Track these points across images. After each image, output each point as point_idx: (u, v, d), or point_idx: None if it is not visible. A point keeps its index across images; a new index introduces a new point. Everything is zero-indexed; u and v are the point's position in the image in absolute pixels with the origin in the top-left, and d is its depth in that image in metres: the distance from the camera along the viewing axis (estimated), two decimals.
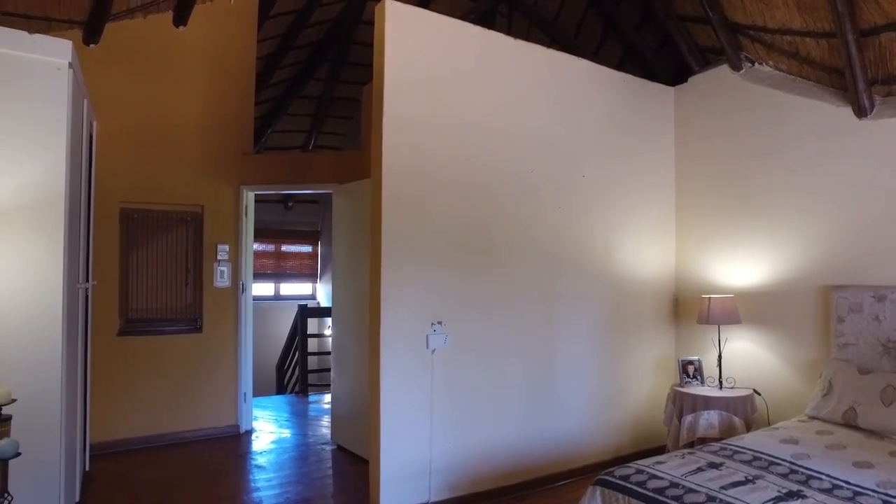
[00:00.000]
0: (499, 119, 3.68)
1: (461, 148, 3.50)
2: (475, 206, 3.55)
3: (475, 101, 3.58)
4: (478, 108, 3.59)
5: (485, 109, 3.62)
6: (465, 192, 3.51)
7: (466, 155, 3.52)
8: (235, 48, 5.13)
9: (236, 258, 4.97)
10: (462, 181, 3.50)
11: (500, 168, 3.67)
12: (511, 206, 3.72)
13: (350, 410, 4.53)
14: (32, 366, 2.61)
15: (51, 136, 2.68)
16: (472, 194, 3.54)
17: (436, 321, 3.36)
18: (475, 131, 3.57)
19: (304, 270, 9.81)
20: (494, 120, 3.66)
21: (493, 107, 3.66)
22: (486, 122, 3.62)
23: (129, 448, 4.46)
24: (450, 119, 3.47)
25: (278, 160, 5.26)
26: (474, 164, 3.55)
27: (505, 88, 3.72)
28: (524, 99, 3.81)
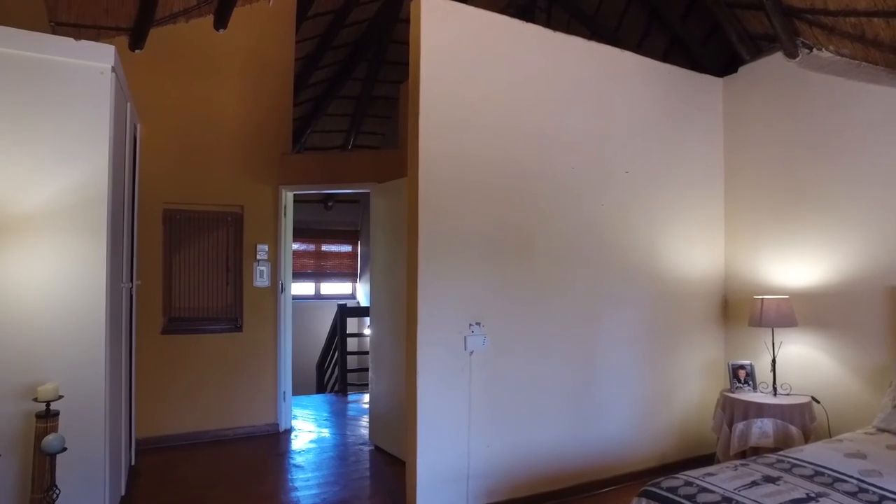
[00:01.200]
0: (538, 114, 3.58)
1: (499, 144, 3.42)
2: (514, 203, 3.46)
3: (514, 97, 3.48)
4: (517, 104, 3.49)
5: (524, 105, 3.52)
6: (504, 189, 3.42)
7: (505, 151, 3.43)
8: (274, 49, 5.17)
9: (275, 258, 5.01)
10: (500, 178, 3.41)
11: (539, 164, 3.57)
12: (551, 203, 3.61)
13: (388, 411, 4.50)
14: (77, 363, 2.66)
15: (94, 139, 2.73)
16: (511, 192, 3.45)
17: (474, 322, 3.28)
18: (514, 127, 3.48)
19: (344, 270, 9.89)
20: (534, 115, 3.56)
21: (533, 102, 3.56)
22: (525, 117, 3.52)
23: (173, 444, 4.54)
24: (488, 115, 3.38)
25: (316, 160, 5.28)
26: (513, 160, 3.46)
27: (544, 83, 3.61)
28: (565, 93, 3.70)
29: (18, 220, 2.58)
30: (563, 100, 3.68)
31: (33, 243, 2.60)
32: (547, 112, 3.61)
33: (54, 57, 2.68)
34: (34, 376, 2.58)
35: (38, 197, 2.63)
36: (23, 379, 2.57)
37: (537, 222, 3.54)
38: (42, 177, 2.63)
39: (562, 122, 3.67)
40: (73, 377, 2.64)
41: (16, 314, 2.57)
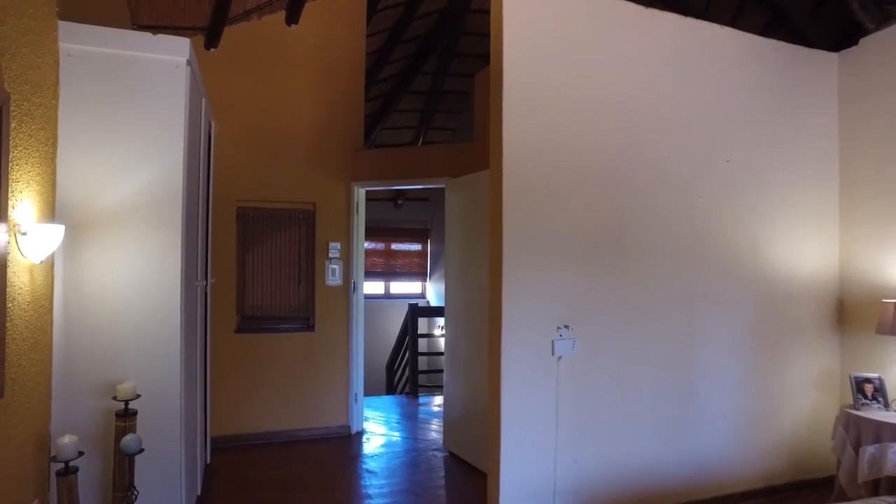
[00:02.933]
0: (630, 100, 3.26)
1: (589, 132, 3.12)
2: (605, 196, 3.16)
3: (603, 81, 3.18)
4: (606, 88, 3.19)
5: (614, 89, 3.21)
6: (594, 181, 3.13)
7: (595, 140, 3.14)
8: (345, 44, 5.08)
9: (348, 256, 4.91)
10: (590, 169, 3.12)
11: (632, 154, 3.25)
12: (645, 195, 3.28)
13: (463, 416, 4.29)
14: (153, 362, 2.63)
15: (170, 134, 2.68)
16: (602, 184, 3.15)
17: (562, 325, 3.01)
18: (604, 113, 3.18)
19: (414, 269, 9.79)
20: (625, 101, 3.24)
21: (624, 86, 3.24)
22: (615, 102, 3.21)
23: (246, 443, 4.52)
24: (575, 101, 3.10)
25: (389, 156, 5.14)
26: (603, 149, 3.16)
27: (636, 65, 3.29)
28: (658, 76, 3.35)
29: (97, 217, 2.56)
30: (656, 83, 3.34)
31: (111, 241, 2.58)
32: (639, 96, 3.28)
33: (132, 52, 2.66)
34: (113, 374, 2.56)
35: (115, 194, 2.60)
36: (103, 376, 2.55)
37: (629, 217, 3.22)
38: (119, 174, 2.61)
39: (656, 108, 3.33)
40: (149, 376, 2.60)
41: (96, 311, 2.56)
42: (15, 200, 2.14)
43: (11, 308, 2.12)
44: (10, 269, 2.11)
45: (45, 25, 2.44)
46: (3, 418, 2.09)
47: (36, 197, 2.33)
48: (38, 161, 2.35)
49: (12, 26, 2.16)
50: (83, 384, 2.53)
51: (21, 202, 2.19)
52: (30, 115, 2.28)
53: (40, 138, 2.37)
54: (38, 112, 2.35)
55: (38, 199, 2.34)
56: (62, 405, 2.51)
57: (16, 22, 2.18)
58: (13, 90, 2.14)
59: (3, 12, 2.10)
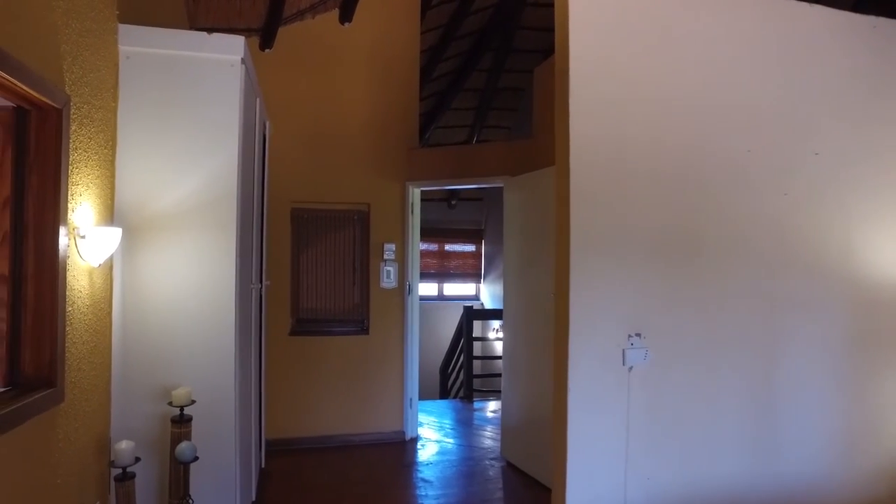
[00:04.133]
0: (707, 89, 2.99)
1: (663, 125, 2.88)
2: (680, 194, 2.90)
3: (677, 69, 2.92)
4: (680, 78, 2.93)
5: (689, 78, 2.95)
6: (669, 177, 2.88)
7: (669, 133, 2.89)
8: (399, 41, 4.99)
9: (403, 257, 4.81)
10: (665, 165, 2.87)
11: (709, 148, 2.98)
12: (724, 192, 3.00)
13: (522, 425, 4.11)
14: (207, 367, 2.59)
15: (224, 134, 2.64)
16: (677, 180, 2.90)
17: (633, 333, 2.79)
18: (678, 105, 2.92)
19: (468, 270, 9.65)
20: (701, 90, 2.97)
21: (700, 75, 2.97)
22: (691, 93, 2.95)
23: (300, 447, 4.49)
24: (648, 90, 2.86)
25: (444, 154, 5.01)
26: (679, 143, 2.91)
27: (713, 51, 3.01)
28: (738, 62, 3.07)
29: (153, 220, 2.54)
30: (736, 70, 3.06)
31: (166, 244, 2.56)
32: (717, 85, 3.01)
33: (187, 52, 2.64)
34: (169, 378, 2.54)
35: (171, 196, 2.57)
36: (159, 381, 2.53)
37: (708, 216, 2.96)
38: (175, 175, 2.58)
39: (735, 97, 3.05)
40: (204, 381, 2.57)
41: (151, 315, 2.54)
42: (74, 204, 2.13)
43: (71, 312, 2.11)
44: (70, 273, 2.09)
45: (105, 28, 2.43)
46: (64, 422, 2.08)
47: (95, 200, 2.31)
48: (97, 164, 2.33)
49: (73, 29, 2.14)
50: (140, 388, 2.51)
51: (80, 205, 2.18)
52: (90, 117, 2.27)
53: (100, 141, 2.36)
54: (97, 115, 2.34)
55: (97, 202, 2.33)
56: (120, 409, 2.50)
57: (77, 25, 2.17)
58: (74, 93, 2.13)
59: (65, 16, 2.09)
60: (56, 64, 2.03)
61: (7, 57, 1.69)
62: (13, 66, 1.72)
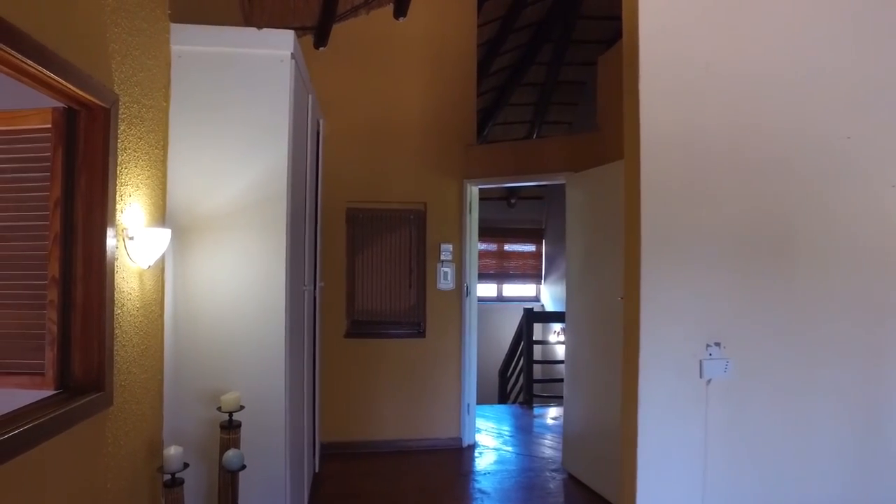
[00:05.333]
0: (798, 67, 2.66)
1: (746, 112, 2.58)
2: (767, 188, 2.60)
3: (764, 49, 2.62)
4: (769, 58, 2.62)
5: (779, 58, 2.64)
6: (754, 170, 2.58)
7: (754, 121, 2.59)
8: (455, 34, 4.83)
9: (460, 258, 4.65)
10: (748, 155, 2.58)
11: (801, 136, 2.65)
12: (818, 185, 2.66)
13: (586, 435, 3.87)
14: (257, 372, 2.52)
15: (274, 130, 2.56)
16: (763, 171, 2.60)
17: (712, 342, 2.51)
18: (765, 89, 2.61)
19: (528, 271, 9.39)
20: (794, 71, 2.65)
21: (792, 54, 2.65)
22: (780, 75, 2.63)
23: (354, 451, 4.42)
24: (729, 76, 2.57)
25: (503, 150, 4.81)
26: (765, 132, 2.60)
27: (809, 27, 2.68)
28: (838, 38, 2.71)
29: (203, 220, 2.50)
30: (835, 47, 2.71)
31: (215, 245, 2.51)
32: (812, 65, 2.67)
33: (237, 49, 2.58)
34: (218, 383, 2.49)
35: (221, 196, 2.51)
36: (209, 385, 2.49)
37: (798, 212, 2.63)
38: (225, 174, 2.52)
39: (833, 78, 2.70)
40: (253, 386, 2.51)
41: (201, 318, 2.49)
42: (123, 204, 2.09)
43: (120, 314, 2.07)
44: (119, 275, 2.06)
45: (156, 28, 2.40)
46: (113, 425, 2.05)
47: (146, 200, 2.28)
48: (147, 164, 2.30)
49: (123, 28, 2.11)
50: (190, 392, 2.47)
51: (129, 206, 2.14)
52: (140, 117, 2.23)
53: (150, 141, 2.33)
54: (148, 115, 2.31)
55: (147, 203, 2.29)
56: (171, 413, 2.47)
57: (127, 24, 2.14)
58: (123, 92, 2.09)
59: (114, 15, 2.05)
60: (104, 63, 1.99)
61: (53, 56, 1.65)
62: (60, 66, 1.69)
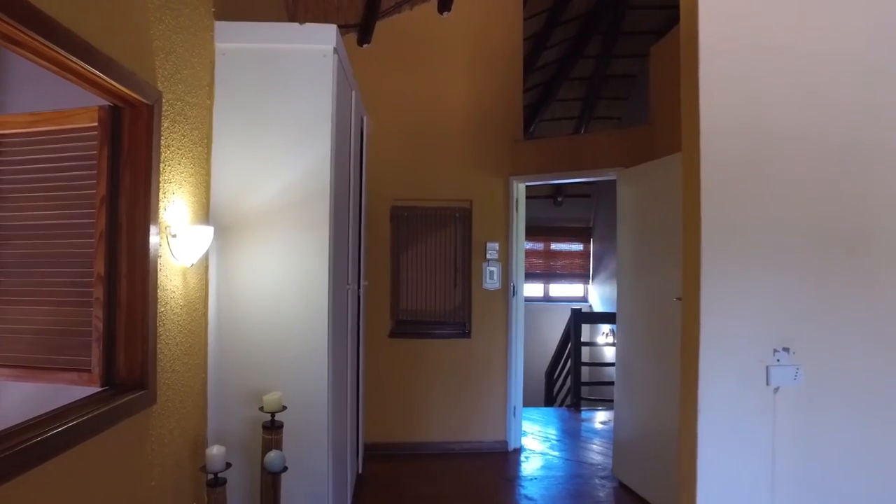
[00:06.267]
0: (877, 48, 2.43)
1: (817, 96, 2.38)
2: (843, 178, 2.38)
3: (841, 24, 2.41)
4: (844, 34, 2.41)
5: (855, 36, 2.42)
6: (828, 159, 2.37)
7: (829, 105, 2.38)
8: (501, 28, 4.72)
9: (506, 257, 4.54)
10: (821, 144, 2.37)
11: (881, 121, 2.41)
12: None
13: (638, 442, 3.70)
14: (299, 370, 2.49)
15: (317, 126, 2.52)
16: (838, 161, 2.38)
17: (780, 347, 2.32)
18: (843, 68, 2.39)
19: (575, 270, 9.16)
20: (871, 49, 2.43)
21: (873, 27, 2.43)
22: (857, 52, 2.41)
23: (398, 453, 4.36)
24: (801, 56, 2.37)
25: (550, 145, 4.67)
26: (840, 117, 2.39)
27: None
28: None
29: (245, 218, 2.48)
30: None
31: (258, 243, 2.48)
32: (889, 42, 2.45)
33: (279, 45, 2.55)
34: (261, 382, 2.46)
35: (263, 193, 2.49)
36: (251, 384, 2.47)
37: (880, 204, 2.40)
38: (267, 171, 2.50)
39: None
40: (296, 385, 2.47)
41: (244, 316, 2.47)
42: (167, 202, 2.08)
43: (163, 312, 2.06)
44: (162, 273, 2.05)
45: (200, 25, 2.40)
46: (157, 423, 2.04)
47: (189, 198, 2.27)
48: (191, 162, 2.29)
49: (167, 25, 2.10)
50: (233, 391, 2.46)
51: (173, 203, 2.13)
52: (183, 114, 2.23)
53: (194, 139, 2.32)
54: (191, 112, 2.30)
55: (191, 201, 2.28)
56: (214, 411, 2.46)
57: (170, 21, 2.13)
58: (166, 89, 2.09)
59: (159, 12, 2.05)
60: (148, 60, 1.98)
61: (98, 53, 1.65)
62: (104, 63, 1.68)
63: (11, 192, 2.16)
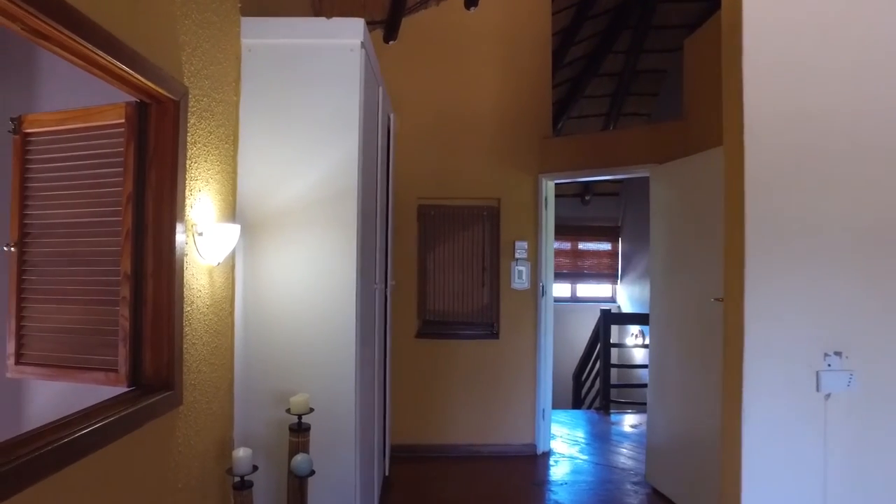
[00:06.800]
0: None
1: (872, 85, 2.24)
2: None
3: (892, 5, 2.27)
4: None
5: None
6: (880, 150, 2.24)
7: (882, 95, 2.24)
8: (529, 23, 4.62)
9: (535, 256, 4.44)
10: (875, 136, 2.24)
11: None
12: None
13: (674, 447, 3.57)
14: (326, 372, 2.43)
15: (344, 122, 2.46)
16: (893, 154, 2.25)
17: (831, 351, 2.19)
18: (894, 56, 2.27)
19: (603, 270, 9.00)
20: None
21: None
22: None
23: (424, 455, 4.30)
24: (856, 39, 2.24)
25: (581, 142, 4.55)
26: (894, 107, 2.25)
27: None
28: None
29: (271, 216, 2.43)
30: None
31: (284, 242, 2.44)
32: None
33: (306, 40, 2.50)
34: (287, 383, 2.42)
35: (289, 192, 2.44)
36: (278, 385, 2.43)
37: None
38: (294, 169, 2.45)
39: None
40: (323, 387, 2.42)
41: (270, 316, 2.43)
42: (193, 199, 2.05)
43: (190, 312, 2.03)
44: (188, 271, 2.01)
45: (227, 21, 2.36)
46: (183, 425, 2.01)
47: (216, 196, 2.24)
48: (217, 159, 2.26)
49: (193, 20, 2.07)
50: (259, 392, 2.42)
51: (199, 201, 2.09)
52: (210, 111, 2.19)
53: (220, 135, 2.28)
54: (218, 109, 2.26)
55: (217, 198, 2.25)
56: (240, 413, 2.42)
57: (197, 16, 2.09)
58: (193, 85, 2.05)
59: (185, 6, 2.01)
60: (174, 55, 1.95)
61: (123, 47, 1.61)
62: (129, 57, 1.64)
63: (41, 190, 2.15)
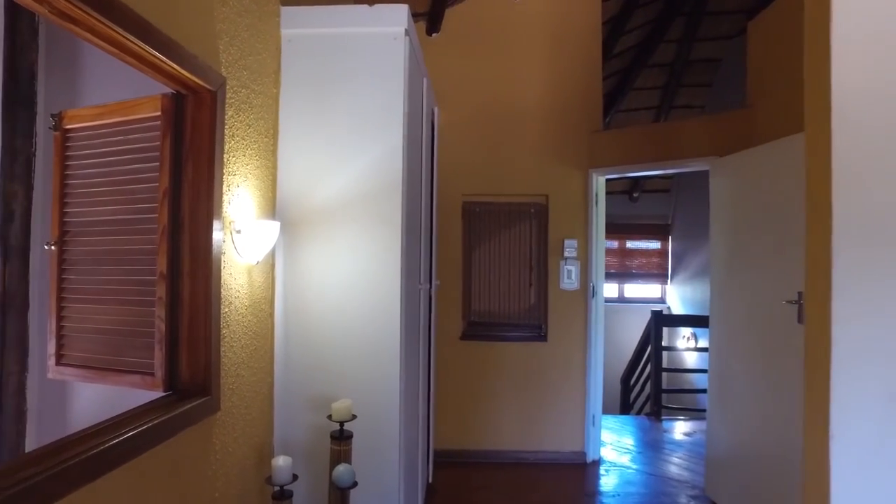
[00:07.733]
0: None
1: None
2: None
3: None
4: None
5: None
6: None
7: None
8: (577, 11, 4.41)
9: (585, 255, 4.23)
10: None
11: None
12: None
13: (737, 460, 3.33)
14: (369, 376, 2.32)
15: (388, 114, 2.34)
16: None
17: None
18: None
19: (652, 270, 8.66)
20: None
21: None
22: None
23: (469, 460, 4.15)
24: None
25: (633, 135, 4.31)
26: None
27: None
28: None
29: (313, 213, 2.33)
30: None
31: (326, 239, 2.33)
32: None
33: (348, 29, 2.39)
34: (329, 387, 2.31)
35: (331, 187, 2.33)
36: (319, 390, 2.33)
37: None
38: (336, 164, 2.34)
39: None
40: (365, 392, 2.30)
41: (311, 317, 2.32)
42: (231, 195, 1.95)
43: (227, 313, 1.93)
44: (226, 271, 1.92)
45: (266, 10, 2.27)
46: (221, 431, 1.91)
47: (255, 192, 2.14)
48: (256, 153, 2.16)
49: (231, 8, 1.98)
50: (299, 398, 2.32)
51: (237, 197, 2.00)
52: (248, 103, 2.09)
53: (259, 129, 2.19)
54: (257, 101, 2.17)
55: (256, 194, 2.15)
56: (280, 418, 2.33)
57: (235, 3, 2.00)
58: (230, 76, 1.96)
59: None
60: (211, 43, 1.85)
61: (157, 33, 1.52)
62: (163, 44, 1.55)
63: (79, 187, 2.10)
